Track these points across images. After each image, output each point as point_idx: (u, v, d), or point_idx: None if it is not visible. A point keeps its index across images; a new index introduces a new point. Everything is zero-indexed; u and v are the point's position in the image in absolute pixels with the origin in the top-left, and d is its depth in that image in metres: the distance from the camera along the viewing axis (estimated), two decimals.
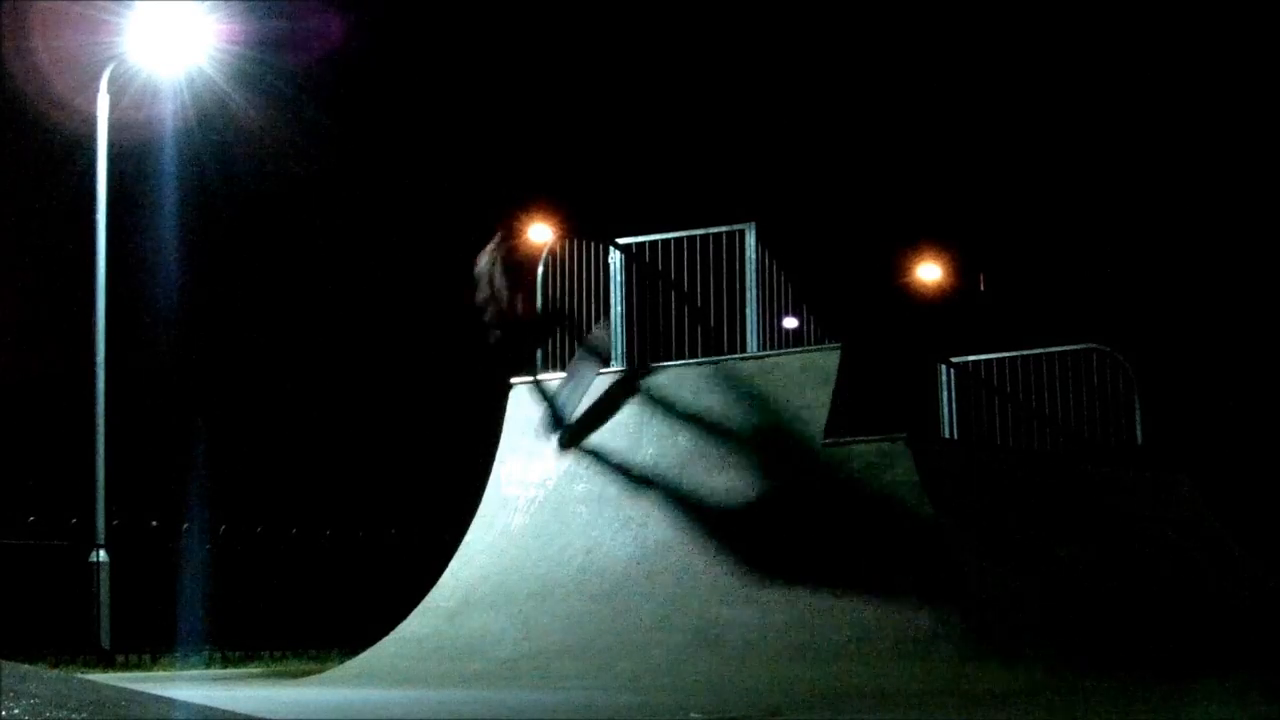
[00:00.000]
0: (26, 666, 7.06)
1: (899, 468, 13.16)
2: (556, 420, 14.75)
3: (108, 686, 7.01)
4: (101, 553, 19.29)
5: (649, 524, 13.80)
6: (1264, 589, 15.67)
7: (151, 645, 19.17)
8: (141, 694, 6.98)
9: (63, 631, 18.85)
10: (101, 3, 20.68)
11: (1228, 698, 9.72)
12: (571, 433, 14.71)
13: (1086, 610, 13.13)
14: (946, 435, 17.54)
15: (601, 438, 14.67)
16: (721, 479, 13.85)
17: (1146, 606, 13.88)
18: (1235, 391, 34.99)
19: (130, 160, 25.73)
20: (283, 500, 28.78)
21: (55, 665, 16.52)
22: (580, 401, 14.83)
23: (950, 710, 9.28)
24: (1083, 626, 12.62)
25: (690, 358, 15.11)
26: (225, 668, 18.21)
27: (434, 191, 38.65)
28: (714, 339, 15.50)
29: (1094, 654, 11.93)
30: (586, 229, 16.35)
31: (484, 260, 14.56)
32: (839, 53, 42.14)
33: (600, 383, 15.10)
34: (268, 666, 18.47)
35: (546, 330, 15.29)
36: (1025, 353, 17.85)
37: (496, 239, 14.65)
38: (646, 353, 15.56)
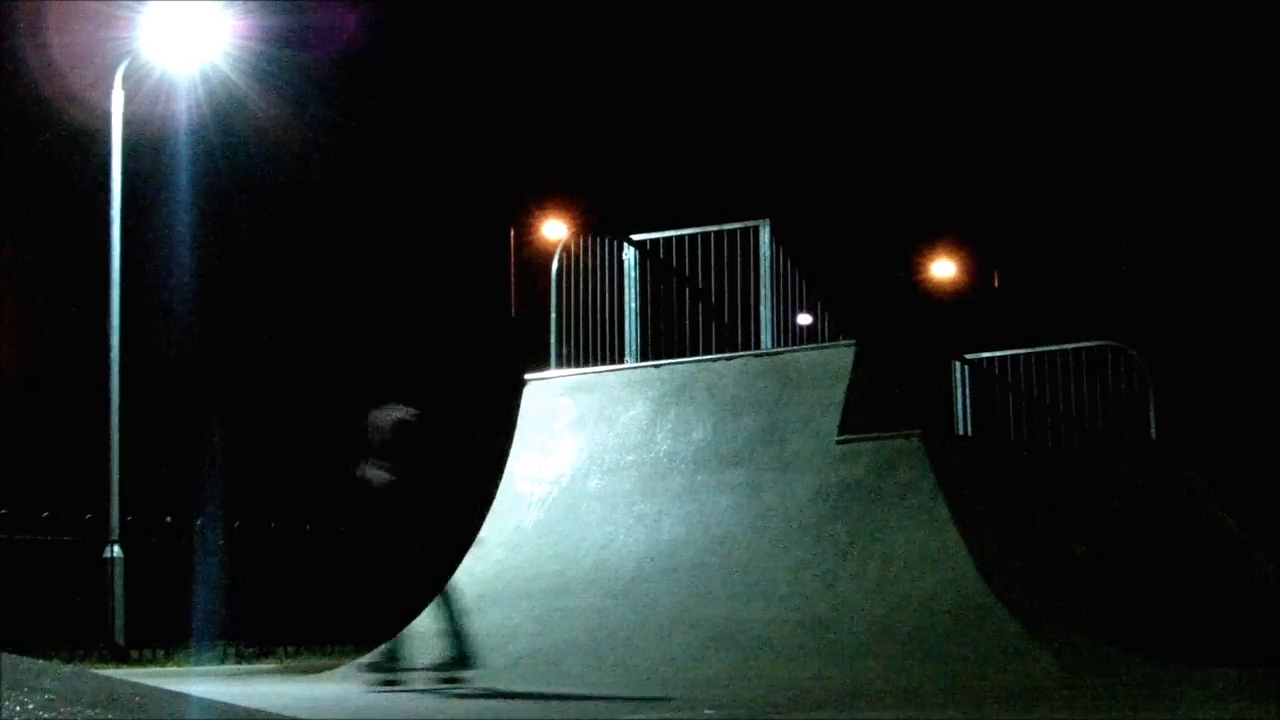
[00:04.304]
0: (41, 661, 7.06)
1: (913, 465, 13.14)
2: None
3: (122, 682, 7.01)
4: (116, 548, 19.30)
5: (663, 521, 13.80)
6: (1276, 587, 15.64)
7: (166, 641, 19.19)
8: (156, 689, 6.98)
9: (77, 627, 18.85)
10: None
11: (1241, 694, 9.70)
12: None
13: (1101, 608, 13.11)
14: (961, 432, 17.53)
15: (615, 434, 14.67)
16: (735, 475, 13.84)
17: (1160, 604, 13.86)
18: (1249, 389, 34.92)
19: (145, 156, 25.75)
20: (297, 495, 28.79)
21: (69, 660, 16.54)
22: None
23: (966, 708, 9.27)
24: (1097, 624, 12.60)
25: (704, 354, 15.10)
26: (240, 663, 18.24)
27: (449, 188, 38.68)
28: (728, 335, 15.49)
29: (1109, 651, 11.91)
30: (601, 226, 16.36)
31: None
32: (855, 50, 42.11)
33: (614, 379, 15.11)
34: (282, 662, 18.50)
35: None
36: (1040, 350, 17.84)
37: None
38: (661, 349, 15.57)
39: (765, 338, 15.16)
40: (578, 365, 15.50)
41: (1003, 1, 40.67)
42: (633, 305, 15.68)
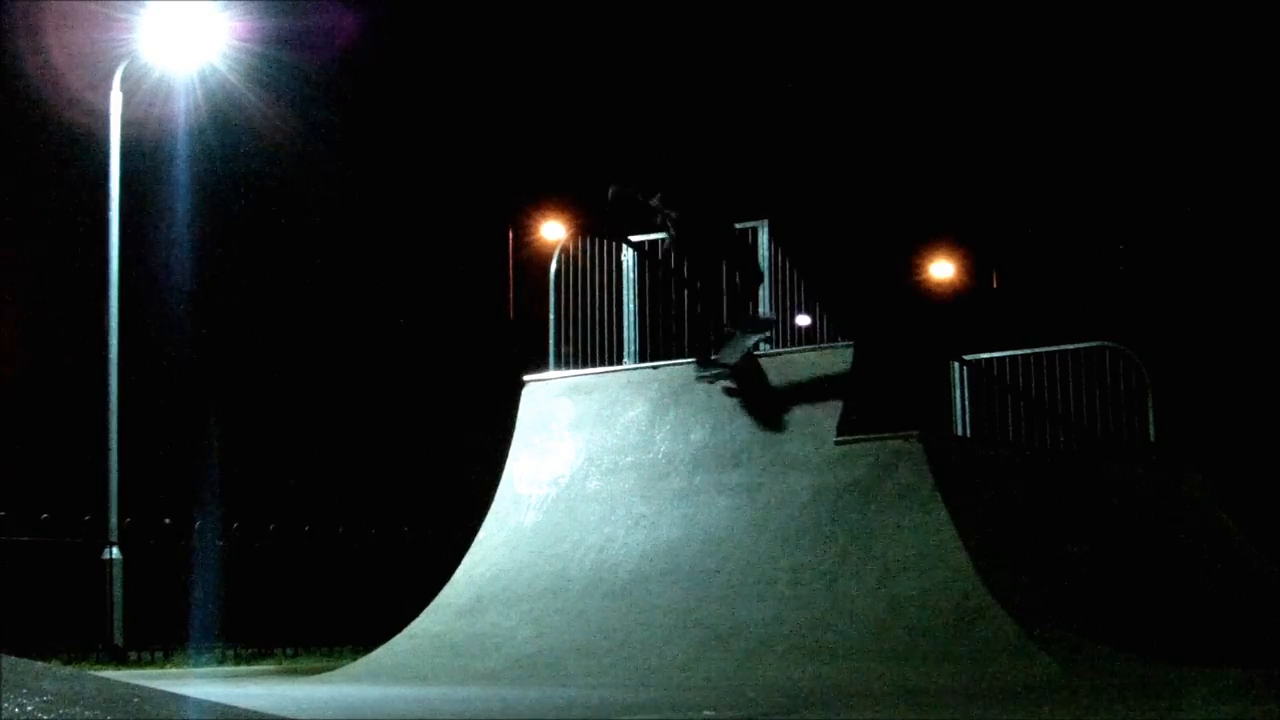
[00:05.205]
0: (39, 663, 7.06)
1: (912, 465, 13.14)
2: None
3: (120, 683, 7.01)
4: (114, 550, 19.31)
5: (661, 522, 13.79)
6: (1275, 587, 15.64)
7: (164, 642, 19.21)
8: (154, 691, 6.98)
9: (75, 628, 18.87)
10: (115, 0, 20.70)
11: (1236, 694, 9.69)
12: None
13: (1098, 608, 13.11)
14: (959, 433, 17.52)
15: (614, 435, 14.67)
16: (734, 477, 13.83)
17: (1160, 604, 13.86)
18: (1248, 389, 34.93)
19: (143, 158, 25.76)
20: (296, 497, 28.80)
21: (68, 662, 16.55)
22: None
23: (966, 708, 9.26)
24: (1094, 624, 12.59)
25: None
26: (238, 665, 18.24)
27: (446, 189, 38.68)
28: None
29: (1108, 651, 11.91)
30: (599, 227, 16.36)
31: None
32: (852, 50, 42.12)
33: (613, 380, 15.11)
34: (280, 664, 18.50)
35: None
36: (1038, 350, 17.81)
37: None
38: (659, 350, 15.56)
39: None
40: (576, 366, 15.49)
41: (1002, 2, 40.68)
42: (631, 306, 15.68)
